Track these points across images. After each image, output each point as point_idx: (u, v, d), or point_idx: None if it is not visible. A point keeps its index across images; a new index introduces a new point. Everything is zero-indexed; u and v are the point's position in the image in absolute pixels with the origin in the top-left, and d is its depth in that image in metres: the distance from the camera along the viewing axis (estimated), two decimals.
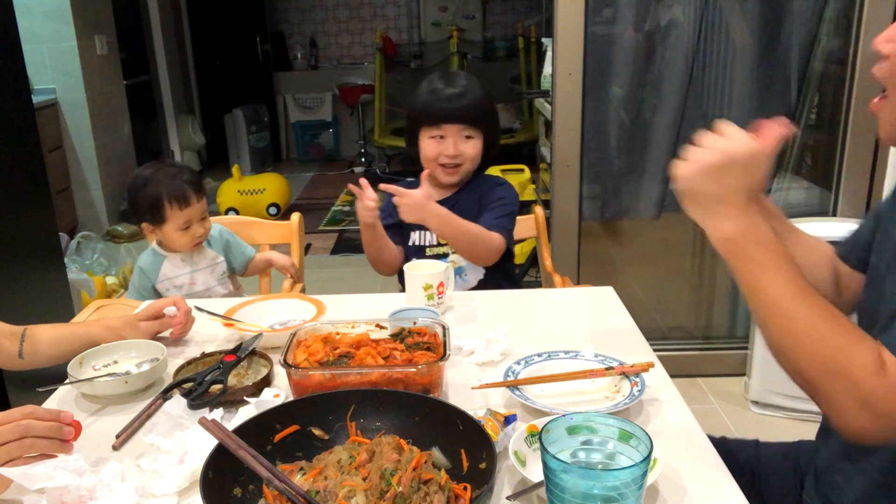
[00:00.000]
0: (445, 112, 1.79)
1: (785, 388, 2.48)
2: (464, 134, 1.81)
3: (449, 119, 1.79)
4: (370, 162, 6.96)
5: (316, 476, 0.89)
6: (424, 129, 1.83)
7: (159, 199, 1.85)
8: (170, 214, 1.86)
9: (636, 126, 2.69)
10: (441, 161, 1.82)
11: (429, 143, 1.82)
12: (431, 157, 1.82)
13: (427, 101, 1.82)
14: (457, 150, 1.81)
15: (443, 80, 1.84)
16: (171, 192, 1.85)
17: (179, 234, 1.89)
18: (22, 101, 2.65)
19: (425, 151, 1.83)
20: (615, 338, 1.41)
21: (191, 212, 1.88)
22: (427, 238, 1.89)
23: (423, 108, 1.82)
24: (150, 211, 1.87)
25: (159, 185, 1.86)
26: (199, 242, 1.93)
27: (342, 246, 4.66)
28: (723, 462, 1.01)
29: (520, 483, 0.95)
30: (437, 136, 1.81)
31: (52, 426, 0.96)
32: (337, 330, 1.26)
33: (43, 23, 4.37)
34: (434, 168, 1.84)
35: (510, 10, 7.27)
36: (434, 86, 1.83)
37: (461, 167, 1.84)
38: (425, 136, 1.83)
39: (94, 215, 4.76)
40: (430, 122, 1.81)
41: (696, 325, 2.97)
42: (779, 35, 2.54)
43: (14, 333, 1.33)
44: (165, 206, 1.85)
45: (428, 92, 1.83)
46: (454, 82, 1.83)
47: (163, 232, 1.90)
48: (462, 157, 1.82)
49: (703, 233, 0.97)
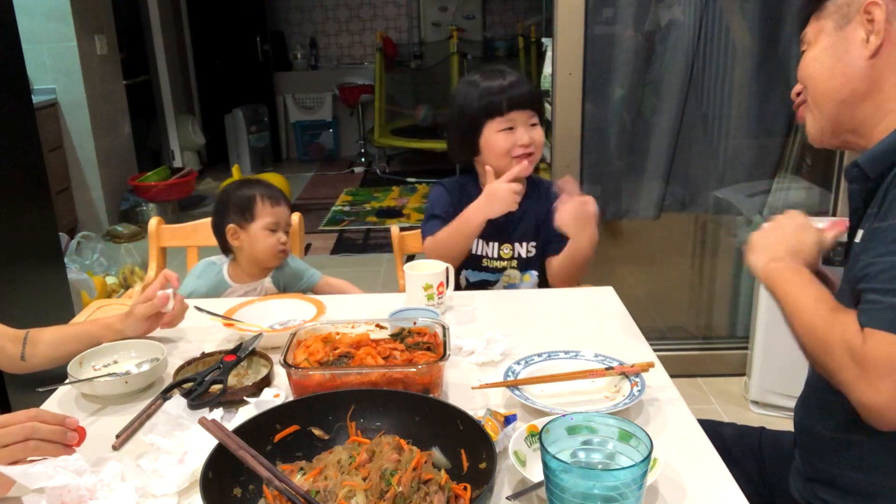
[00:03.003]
0: (512, 100, 1.72)
1: (785, 387, 2.48)
2: (530, 121, 1.75)
3: (517, 106, 1.72)
4: (370, 162, 6.96)
5: (316, 476, 0.89)
6: (489, 125, 1.74)
7: (252, 196, 1.84)
8: (260, 211, 1.83)
9: (636, 126, 2.69)
10: (516, 153, 1.74)
11: (498, 136, 1.74)
12: (505, 151, 1.74)
13: (488, 96, 1.74)
14: (530, 137, 1.74)
15: (492, 75, 1.77)
16: (263, 192, 1.85)
17: (265, 236, 1.83)
18: (22, 101, 2.65)
19: (498, 146, 1.74)
20: (615, 338, 1.41)
21: (280, 212, 1.84)
22: (484, 249, 1.83)
23: (487, 102, 1.73)
24: (241, 208, 1.84)
25: (254, 187, 1.87)
26: (283, 251, 1.86)
27: (342, 246, 4.66)
28: (723, 462, 1.01)
29: (520, 483, 0.95)
30: (506, 129, 1.74)
31: (56, 430, 0.96)
32: (337, 330, 1.26)
33: (43, 23, 4.37)
34: (507, 164, 1.75)
35: (510, 10, 7.27)
36: (485, 82, 1.75)
37: (534, 155, 1.77)
38: (491, 131, 1.74)
39: (94, 215, 4.76)
40: (497, 114, 1.73)
41: (696, 325, 2.97)
42: (779, 35, 2.54)
43: (17, 337, 1.34)
44: (258, 202, 1.83)
45: (482, 89, 1.75)
46: (504, 73, 1.77)
47: (249, 233, 1.83)
48: (534, 144, 1.75)
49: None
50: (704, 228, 2.95)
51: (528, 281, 1.84)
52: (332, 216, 5.34)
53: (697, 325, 2.96)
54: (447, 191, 1.85)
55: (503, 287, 1.84)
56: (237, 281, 1.87)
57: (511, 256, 1.82)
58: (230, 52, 6.78)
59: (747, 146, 2.68)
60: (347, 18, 7.39)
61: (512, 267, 1.83)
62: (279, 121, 7.29)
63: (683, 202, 2.74)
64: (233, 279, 1.87)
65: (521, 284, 1.84)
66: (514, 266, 1.83)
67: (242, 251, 1.85)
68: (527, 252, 1.83)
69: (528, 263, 1.83)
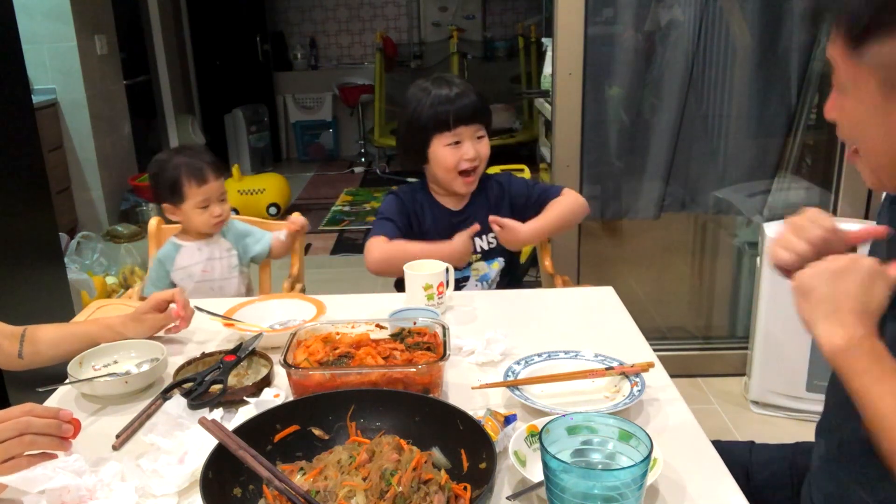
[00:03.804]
0: (458, 113, 1.72)
1: (785, 388, 2.48)
2: (477, 134, 1.76)
3: (463, 121, 1.73)
4: (370, 162, 6.96)
5: (316, 476, 0.89)
6: (437, 138, 1.74)
7: (178, 177, 1.92)
8: (188, 192, 1.92)
9: (636, 126, 2.69)
10: (462, 167, 1.75)
11: (445, 151, 1.74)
12: (451, 166, 1.75)
13: (436, 107, 1.73)
14: (475, 151, 1.75)
15: (441, 84, 1.76)
16: (189, 170, 1.92)
17: (198, 213, 1.94)
18: (22, 101, 2.65)
19: (444, 161, 1.75)
20: (615, 338, 1.41)
21: (208, 189, 1.93)
22: None
23: (433, 114, 1.73)
24: (171, 189, 1.94)
25: (177, 164, 1.93)
26: (219, 222, 1.97)
27: (342, 246, 4.66)
28: (723, 462, 1.01)
29: (520, 483, 0.95)
30: (453, 143, 1.74)
31: (51, 423, 0.96)
32: (337, 330, 1.26)
33: (43, 23, 4.37)
34: (452, 178, 1.77)
35: (510, 10, 7.27)
36: (436, 91, 1.74)
37: (478, 169, 1.79)
38: (439, 145, 1.75)
39: (94, 215, 4.76)
40: (444, 129, 1.73)
41: (696, 325, 2.97)
42: (779, 35, 2.54)
43: (14, 334, 1.33)
44: (184, 184, 1.92)
45: (432, 98, 1.74)
46: (452, 83, 1.76)
47: (183, 211, 1.95)
48: (479, 158, 1.76)
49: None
50: (704, 228, 2.95)
51: (496, 268, 1.87)
52: (332, 216, 5.34)
53: (697, 325, 2.96)
54: (401, 200, 1.87)
55: (476, 280, 1.85)
56: (187, 241, 2.00)
57: (473, 250, 1.84)
58: (230, 52, 6.77)
59: (747, 146, 2.68)
60: (347, 18, 7.39)
61: (477, 260, 1.85)
62: (279, 121, 7.29)
63: (683, 202, 2.74)
64: (183, 240, 2.00)
65: (491, 272, 1.86)
66: (478, 259, 1.86)
67: (182, 223, 1.99)
68: (488, 244, 1.86)
69: (490, 253, 1.87)
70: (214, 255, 2.00)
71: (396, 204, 1.86)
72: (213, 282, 1.99)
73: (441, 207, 1.87)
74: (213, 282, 1.99)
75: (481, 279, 1.86)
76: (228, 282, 2.01)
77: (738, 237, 2.90)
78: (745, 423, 2.52)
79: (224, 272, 2.01)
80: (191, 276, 1.97)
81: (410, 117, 1.78)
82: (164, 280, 1.97)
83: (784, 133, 2.65)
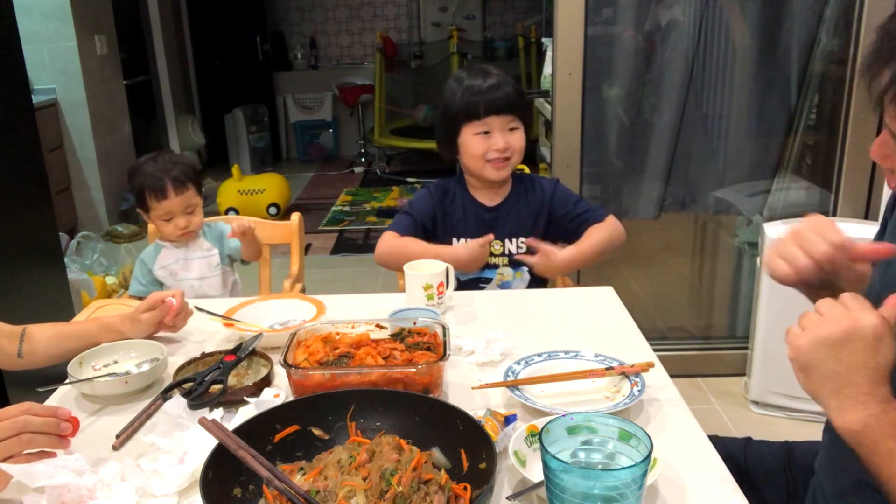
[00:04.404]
0: (489, 104, 1.73)
1: (785, 388, 2.48)
2: (509, 126, 1.76)
3: (494, 111, 1.74)
4: (370, 162, 6.96)
5: (316, 476, 0.89)
6: (467, 127, 1.76)
7: (141, 189, 1.97)
8: (150, 204, 1.97)
9: (636, 126, 2.69)
10: (490, 157, 1.76)
11: (474, 140, 1.76)
12: (479, 154, 1.76)
13: (467, 97, 1.75)
14: (505, 142, 1.75)
15: (476, 75, 1.78)
16: (150, 184, 1.96)
17: (163, 224, 1.99)
18: (22, 101, 2.65)
19: (472, 149, 1.76)
20: (615, 338, 1.41)
21: (169, 204, 1.96)
22: None
23: (464, 104, 1.75)
24: (138, 199, 2.00)
25: (143, 176, 1.97)
26: (185, 234, 1.99)
27: (342, 246, 4.66)
28: (723, 462, 1.01)
29: (520, 483, 0.95)
30: (482, 132, 1.75)
31: (49, 422, 0.96)
32: (337, 330, 1.26)
33: (43, 23, 4.37)
34: (482, 167, 1.77)
35: (510, 10, 7.27)
36: (469, 82, 1.76)
37: (510, 160, 1.78)
38: (468, 133, 1.76)
39: (94, 215, 4.76)
40: (473, 118, 1.74)
41: (696, 325, 2.97)
42: (779, 35, 2.54)
43: (13, 333, 1.33)
44: (147, 197, 1.97)
45: (464, 89, 1.76)
46: (488, 74, 1.77)
47: (151, 219, 2.01)
48: (510, 149, 1.77)
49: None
50: (704, 228, 2.95)
51: (520, 278, 1.85)
52: (332, 216, 5.34)
53: (697, 325, 2.96)
54: (430, 195, 1.87)
55: (497, 286, 1.84)
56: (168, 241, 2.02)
57: (501, 253, 1.84)
58: (230, 52, 6.78)
59: (747, 146, 2.68)
60: (347, 18, 7.39)
61: (504, 264, 1.84)
62: (279, 121, 7.29)
63: (683, 202, 2.74)
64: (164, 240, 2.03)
65: (514, 282, 1.85)
66: (505, 263, 1.84)
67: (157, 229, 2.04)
68: (517, 248, 1.84)
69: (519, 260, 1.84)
70: (194, 255, 2.03)
71: (423, 198, 1.86)
72: (191, 280, 2.01)
73: (474, 202, 1.86)
74: (192, 280, 2.01)
75: (503, 285, 1.84)
76: (208, 281, 2.04)
77: (738, 237, 2.90)
78: (744, 423, 2.52)
79: (203, 271, 2.03)
80: (171, 274, 2.01)
81: (444, 106, 1.81)
82: (148, 277, 2.01)
83: (784, 133, 2.65)
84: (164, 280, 2.01)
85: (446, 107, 1.80)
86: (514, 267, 1.84)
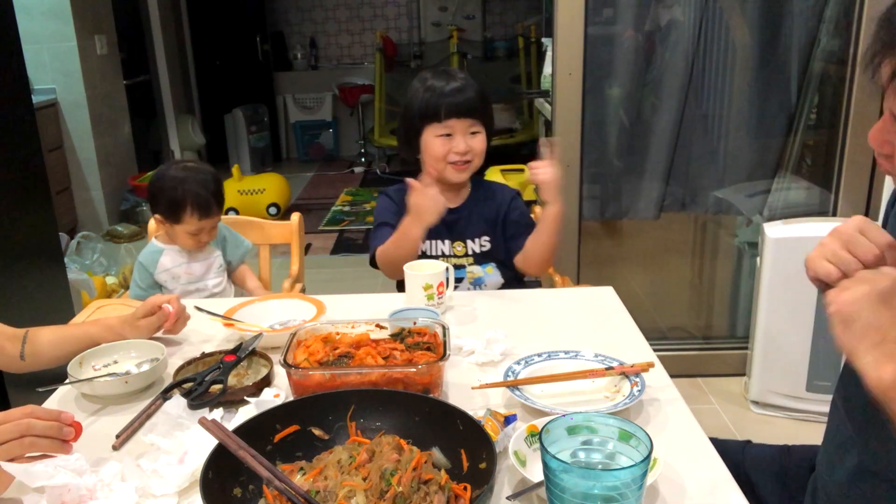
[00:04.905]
0: (451, 107, 1.74)
1: (785, 388, 2.48)
2: (470, 129, 1.77)
3: (455, 114, 1.75)
4: (370, 162, 6.96)
5: (316, 476, 0.89)
6: (429, 129, 1.77)
7: (183, 203, 1.90)
8: (187, 219, 1.92)
9: (636, 126, 2.69)
10: (451, 159, 1.78)
11: (435, 142, 1.77)
12: (440, 156, 1.77)
13: (429, 99, 1.76)
14: (467, 145, 1.77)
15: (440, 77, 1.79)
16: (196, 200, 1.90)
17: (187, 237, 1.95)
18: (22, 101, 2.65)
19: (433, 151, 1.78)
20: (615, 338, 1.41)
21: (206, 223, 1.94)
22: (440, 248, 1.86)
23: (426, 106, 1.77)
24: (170, 209, 1.92)
25: (188, 190, 1.90)
26: (200, 245, 1.99)
27: (342, 246, 4.66)
28: (722, 462, 1.01)
29: (520, 483, 0.95)
30: (444, 135, 1.77)
31: (52, 426, 0.96)
32: (337, 330, 1.26)
33: (43, 23, 4.37)
34: (443, 168, 1.79)
35: (510, 10, 7.27)
36: (432, 83, 1.78)
37: (471, 163, 1.80)
38: (430, 135, 1.78)
39: (94, 215, 4.76)
40: (435, 120, 1.76)
41: (696, 325, 2.96)
42: (779, 35, 2.54)
43: (16, 336, 1.34)
44: (186, 212, 1.91)
45: (426, 90, 1.78)
46: (453, 77, 1.79)
47: (173, 229, 1.96)
48: (472, 152, 1.78)
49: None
50: (704, 228, 2.95)
51: (491, 274, 1.86)
52: (332, 216, 5.34)
53: (697, 325, 2.96)
54: (391, 199, 1.88)
55: (470, 283, 1.85)
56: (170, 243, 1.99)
57: (465, 253, 1.85)
58: (230, 52, 6.77)
59: (747, 146, 2.68)
60: (347, 18, 7.38)
61: (470, 263, 1.85)
62: (279, 121, 7.29)
63: (683, 202, 2.74)
64: (165, 243, 2.00)
65: (486, 277, 1.85)
66: (471, 262, 1.85)
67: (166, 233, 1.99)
68: (480, 247, 1.86)
69: (483, 257, 1.86)
70: (196, 257, 2.01)
71: (387, 205, 1.88)
72: (197, 282, 2.00)
73: None
74: (198, 282, 2.00)
75: (475, 282, 1.85)
76: (213, 281, 2.03)
77: (738, 237, 2.90)
78: (744, 423, 2.52)
79: (207, 274, 2.02)
80: (175, 277, 1.98)
81: (407, 105, 1.83)
82: (147, 281, 1.98)
83: (784, 133, 2.65)
84: (166, 284, 1.98)
85: (409, 105, 1.82)
86: (480, 264, 1.86)
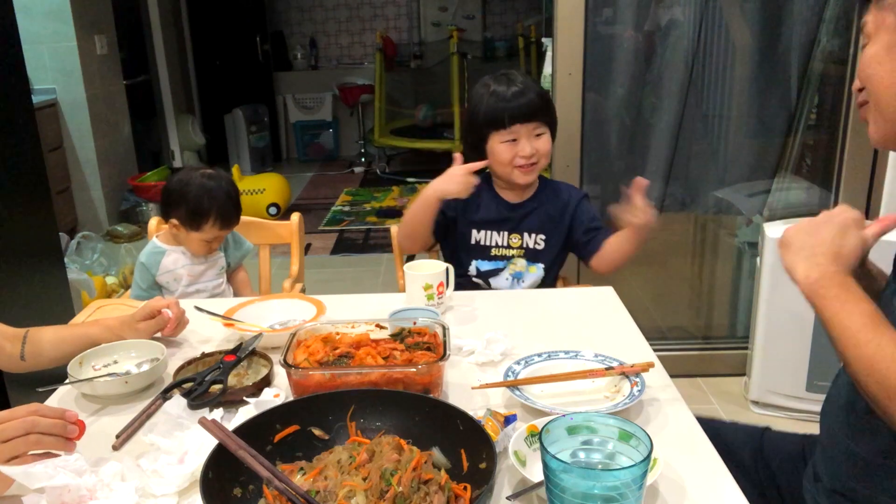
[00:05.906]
0: (514, 113, 1.76)
1: (785, 388, 2.48)
2: (535, 132, 1.79)
3: (519, 119, 1.76)
4: (370, 162, 6.96)
5: (316, 476, 0.89)
6: (494, 135, 1.79)
7: (208, 213, 1.88)
8: (208, 229, 1.90)
9: (636, 126, 2.69)
10: (517, 163, 1.79)
11: (501, 147, 1.79)
12: (507, 161, 1.79)
13: (493, 106, 1.78)
14: (532, 148, 1.78)
15: (501, 82, 1.81)
16: (221, 212, 1.89)
17: (200, 244, 1.94)
18: (22, 101, 2.65)
19: (500, 156, 1.80)
20: (615, 338, 1.41)
21: (224, 234, 1.95)
22: (494, 238, 1.87)
23: (491, 113, 1.78)
24: (192, 216, 1.89)
25: (215, 200, 1.89)
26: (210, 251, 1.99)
27: (342, 246, 4.66)
28: (722, 462, 1.01)
29: (520, 483, 0.95)
30: (509, 140, 1.78)
31: (57, 423, 0.96)
32: (337, 330, 1.26)
33: (43, 23, 4.37)
34: (510, 172, 1.81)
35: (510, 10, 7.27)
36: (494, 89, 1.79)
37: (537, 165, 1.82)
38: (496, 141, 1.79)
39: (94, 215, 4.76)
40: (499, 127, 1.77)
41: (696, 325, 2.96)
42: (779, 35, 2.54)
43: (16, 336, 1.34)
44: (209, 222, 1.89)
45: (490, 96, 1.79)
46: (513, 81, 1.80)
47: (187, 235, 1.93)
48: (537, 154, 1.80)
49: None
50: (704, 228, 2.95)
51: (533, 273, 1.87)
52: (332, 216, 5.34)
53: (697, 325, 2.96)
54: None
55: (509, 275, 1.86)
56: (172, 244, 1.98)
57: (520, 245, 1.87)
58: (230, 52, 6.78)
59: (747, 146, 2.68)
60: (347, 18, 7.39)
61: (519, 256, 1.87)
62: (279, 121, 7.29)
63: (683, 202, 2.74)
64: (167, 243, 1.98)
65: (525, 275, 1.87)
66: (521, 255, 1.87)
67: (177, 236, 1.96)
68: (535, 243, 1.87)
69: (535, 255, 1.87)
70: (202, 259, 2.00)
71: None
72: (198, 283, 1.99)
73: (498, 198, 1.90)
74: (200, 283, 1.99)
75: (515, 275, 1.87)
76: (215, 283, 2.02)
77: (738, 237, 2.90)
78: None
79: (209, 275, 2.01)
80: (177, 279, 1.97)
81: (471, 114, 1.85)
82: (148, 282, 1.97)
83: (784, 133, 2.65)
84: (167, 285, 1.97)
85: (472, 114, 1.83)
86: (529, 261, 1.87)
